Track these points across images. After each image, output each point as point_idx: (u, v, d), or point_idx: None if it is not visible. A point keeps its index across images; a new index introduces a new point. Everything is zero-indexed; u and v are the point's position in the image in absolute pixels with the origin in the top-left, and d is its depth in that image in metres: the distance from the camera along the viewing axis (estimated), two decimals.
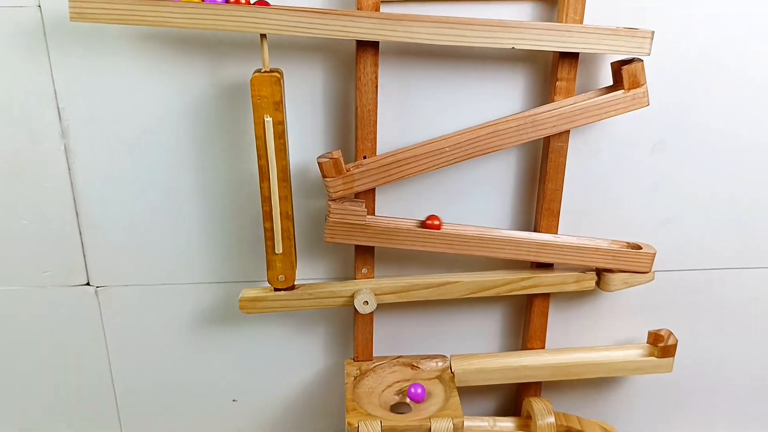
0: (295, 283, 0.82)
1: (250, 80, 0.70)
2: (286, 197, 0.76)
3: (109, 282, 0.89)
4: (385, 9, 0.73)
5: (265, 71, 0.71)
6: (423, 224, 0.82)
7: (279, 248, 0.79)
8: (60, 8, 0.73)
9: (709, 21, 0.79)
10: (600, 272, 0.86)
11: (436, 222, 0.82)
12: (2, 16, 0.73)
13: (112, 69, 0.77)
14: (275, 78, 0.70)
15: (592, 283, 0.86)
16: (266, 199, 0.76)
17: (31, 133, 0.79)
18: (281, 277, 0.81)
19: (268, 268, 0.80)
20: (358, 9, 0.72)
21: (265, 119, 0.72)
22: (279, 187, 0.75)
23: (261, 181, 0.75)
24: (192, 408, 0.98)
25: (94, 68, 0.77)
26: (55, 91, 0.77)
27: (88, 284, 0.89)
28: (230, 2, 0.68)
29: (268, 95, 0.71)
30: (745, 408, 1.03)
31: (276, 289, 0.82)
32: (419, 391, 0.85)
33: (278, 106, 0.71)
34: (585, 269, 0.86)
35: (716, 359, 0.99)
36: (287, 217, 0.77)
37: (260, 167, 0.75)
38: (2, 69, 0.76)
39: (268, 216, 0.77)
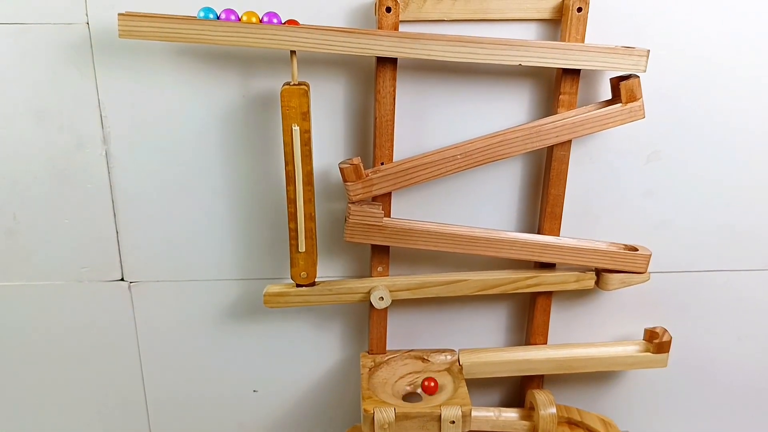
0: (316, 280, 0.86)
1: (281, 92, 0.74)
2: (309, 200, 0.80)
3: (141, 278, 0.91)
4: (403, 28, 0.77)
5: (294, 84, 0.75)
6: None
7: (302, 247, 0.82)
8: (106, 25, 0.77)
9: (701, 41, 0.82)
10: (599, 272, 0.88)
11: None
12: (54, 33, 0.77)
13: (151, 81, 0.80)
14: (303, 90, 0.74)
15: (592, 282, 0.89)
16: (291, 202, 0.80)
17: (76, 140, 0.83)
18: (303, 273, 0.85)
19: (292, 265, 0.84)
20: (378, 28, 0.75)
21: (293, 128, 0.76)
22: (304, 190, 0.79)
23: (287, 184, 0.79)
24: (215, 397, 1.00)
25: (135, 80, 0.80)
26: (98, 100, 0.81)
27: (122, 280, 0.91)
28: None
29: (296, 106, 0.75)
30: (735, 402, 1.05)
31: (298, 285, 0.86)
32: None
33: (305, 116, 0.76)
34: (585, 269, 0.88)
35: (707, 355, 1.01)
36: (310, 218, 0.81)
37: (287, 172, 0.78)
38: (53, 80, 0.80)
39: (293, 217, 0.81)
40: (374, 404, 0.82)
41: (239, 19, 0.72)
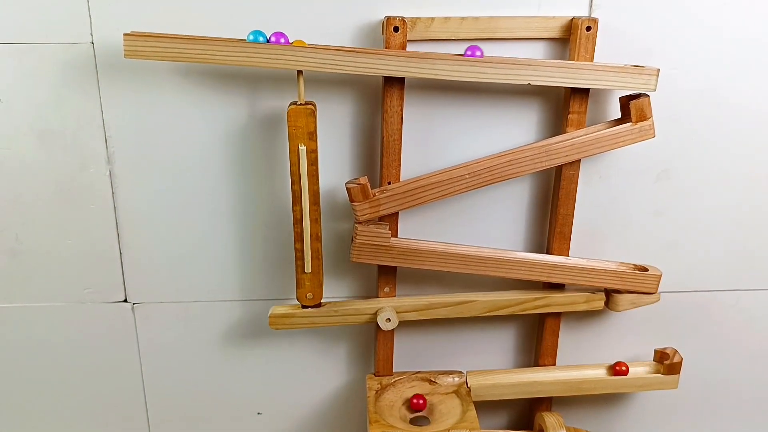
0: (322, 301, 0.85)
1: (287, 112, 0.73)
2: (316, 220, 0.79)
3: (145, 299, 0.90)
4: (410, 47, 0.76)
5: (301, 104, 0.74)
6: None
7: (308, 268, 0.81)
8: (110, 45, 0.77)
9: (711, 60, 0.82)
10: (609, 293, 0.88)
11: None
12: (58, 52, 0.77)
13: (156, 100, 0.80)
14: (310, 110, 0.74)
15: (601, 303, 0.88)
16: (298, 222, 0.79)
17: (80, 159, 0.82)
18: (309, 294, 0.84)
19: (298, 286, 0.83)
20: (386, 47, 0.75)
21: (300, 148, 0.75)
22: (310, 210, 0.78)
23: (294, 204, 0.78)
24: (218, 420, 0.99)
25: (140, 99, 0.80)
26: (103, 120, 0.80)
27: (125, 301, 0.90)
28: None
29: (302, 126, 0.74)
30: (748, 423, 1.04)
31: (304, 306, 0.85)
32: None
33: (312, 136, 0.75)
34: (595, 290, 0.88)
35: (719, 376, 1.00)
36: (317, 238, 0.80)
37: (293, 192, 0.78)
38: (57, 100, 0.79)
39: (299, 237, 0.80)
40: (382, 428, 0.81)
41: (289, 43, 0.72)
